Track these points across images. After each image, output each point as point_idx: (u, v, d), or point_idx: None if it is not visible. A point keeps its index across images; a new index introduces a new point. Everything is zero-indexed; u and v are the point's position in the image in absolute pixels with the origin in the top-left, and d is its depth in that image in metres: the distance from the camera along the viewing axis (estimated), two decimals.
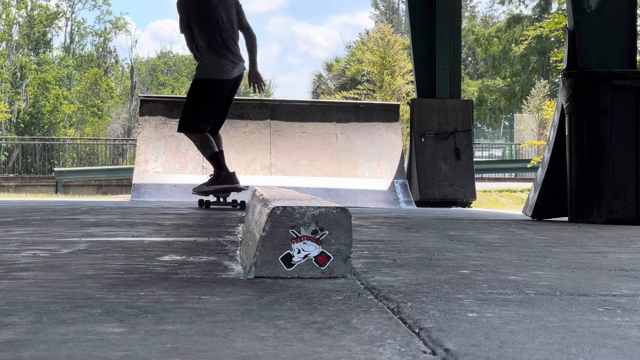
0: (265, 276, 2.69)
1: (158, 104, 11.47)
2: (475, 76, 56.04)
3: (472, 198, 11.82)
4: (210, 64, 7.85)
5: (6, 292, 2.38)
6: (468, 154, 11.85)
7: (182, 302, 2.23)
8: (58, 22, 49.59)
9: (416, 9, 12.23)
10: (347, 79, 43.63)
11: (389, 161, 11.49)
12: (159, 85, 52.62)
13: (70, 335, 1.77)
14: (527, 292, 2.49)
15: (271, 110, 11.69)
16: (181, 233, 4.78)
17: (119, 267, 3.01)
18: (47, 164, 31.44)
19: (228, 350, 1.65)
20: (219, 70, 7.83)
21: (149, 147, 11.02)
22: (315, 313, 2.07)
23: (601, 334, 1.85)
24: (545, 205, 7.31)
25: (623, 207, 6.67)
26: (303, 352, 1.64)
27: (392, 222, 6.47)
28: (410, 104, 12.22)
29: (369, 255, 3.57)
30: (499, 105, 50.06)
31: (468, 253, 3.82)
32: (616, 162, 6.68)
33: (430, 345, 1.71)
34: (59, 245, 3.79)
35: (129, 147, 33.80)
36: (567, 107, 6.93)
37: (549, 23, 18.64)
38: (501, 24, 52.10)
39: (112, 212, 7.02)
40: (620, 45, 7.06)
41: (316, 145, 11.51)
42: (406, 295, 2.38)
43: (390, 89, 29.54)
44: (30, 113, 42.62)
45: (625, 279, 2.89)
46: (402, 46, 30.66)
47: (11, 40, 45.61)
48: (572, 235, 5.22)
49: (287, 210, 2.70)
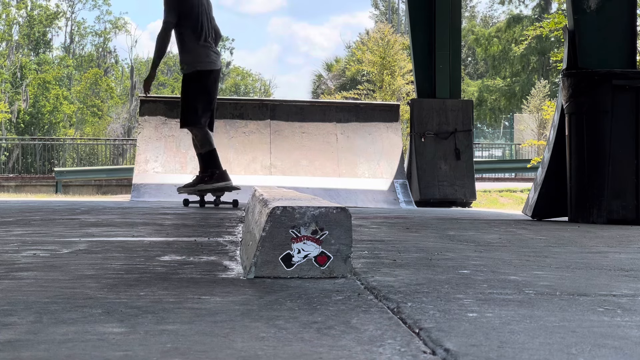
0: (265, 276, 2.69)
1: (158, 104, 11.47)
2: (475, 76, 56.05)
3: (472, 198, 11.83)
4: (197, 55, 8.00)
5: (6, 292, 2.38)
6: (468, 154, 11.85)
7: (182, 302, 2.23)
8: (58, 22, 49.62)
9: (416, 9, 12.23)
10: (347, 79, 43.65)
11: (389, 161, 11.49)
12: (159, 85, 52.62)
13: (70, 335, 1.77)
14: (527, 292, 2.49)
15: (271, 110, 11.69)
16: (181, 233, 4.77)
17: (119, 267, 3.01)
18: (47, 164, 31.45)
19: (228, 350, 1.65)
20: (207, 61, 8.02)
21: (149, 147, 11.02)
22: (315, 313, 2.07)
23: (601, 334, 1.85)
24: (545, 205, 7.31)
25: (623, 207, 6.67)
26: (303, 352, 1.64)
27: (392, 222, 6.47)
28: (410, 104, 12.22)
29: (369, 255, 3.57)
30: (499, 105, 50.06)
31: (468, 253, 3.82)
32: (616, 162, 6.67)
33: (430, 345, 1.71)
34: (59, 245, 3.79)
35: (129, 147, 33.80)
36: (567, 107, 6.93)
37: (549, 23, 18.64)
38: (501, 24, 52.10)
39: (112, 212, 7.02)
40: (620, 45, 7.06)
41: (316, 145, 11.51)
42: (406, 295, 2.38)
43: (390, 89, 29.53)
44: (30, 113, 42.63)
45: (625, 279, 2.89)
46: (402, 46, 30.65)
47: (11, 40, 45.62)
48: (572, 235, 5.22)
49: (287, 210, 2.70)
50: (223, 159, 11.19)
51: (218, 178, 8.09)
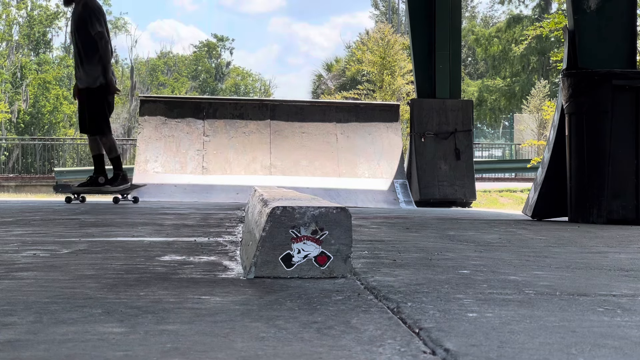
0: (265, 276, 2.69)
1: (158, 104, 11.48)
2: (475, 76, 56.05)
3: (472, 198, 11.83)
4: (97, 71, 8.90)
5: (6, 292, 2.38)
6: (468, 154, 11.86)
7: (182, 302, 2.23)
8: (58, 22, 49.60)
9: (416, 9, 12.23)
10: (347, 79, 43.65)
11: (388, 161, 11.49)
12: (159, 85, 52.65)
13: (70, 335, 1.77)
14: (527, 292, 2.49)
15: (271, 110, 11.69)
16: (181, 233, 4.77)
17: (119, 267, 3.01)
18: (47, 164, 31.45)
19: (228, 350, 1.65)
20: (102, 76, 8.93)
21: (149, 147, 11.03)
22: (315, 313, 2.07)
23: (601, 334, 1.85)
24: (545, 205, 7.31)
25: (623, 207, 6.67)
26: (303, 352, 1.64)
27: (392, 222, 6.47)
28: (410, 104, 12.22)
29: (369, 255, 3.57)
30: (499, 105, 50.06)
31: (468, 253, 3.82)
32: (616, 162, 6.67)
33: (430, 345, 1.71)
34: (59, 245, 3.79)
35: (129, 147, 33.79)
36: (567, 107, 6.93)
37: (549, 23, 18.64)
38: (501, 24, 52.11)
39: (112, 212, 7.02)
40: (620, 45, 7.06)
41: (316, 145, 11.52)
42: (406, 295, 2.38)
43: (390, 89, 29.53)
44: (30, 113, 42.63)
45: (625, 279, 2.90)
46: (402, 46, 30.64)
47: (11, 40, 45.61)
48: (572, 235, 5.22)
49: (287, 210, 2.70)
50: (223, 159, 11.23)
51: (123, 179, 9.20)
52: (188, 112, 11.43)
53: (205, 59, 62.60)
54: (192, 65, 61.37)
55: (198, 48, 63.15)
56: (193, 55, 62.42)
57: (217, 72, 62.32)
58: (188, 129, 11.29)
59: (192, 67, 61.23)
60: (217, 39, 64.00)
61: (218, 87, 60.62)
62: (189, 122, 11.32)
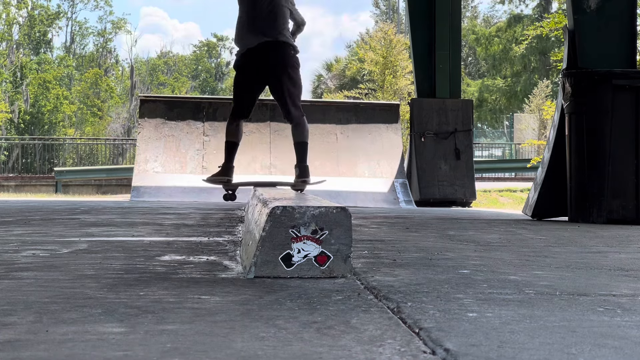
0: (265, 276, 2.69)
1: (158, 104, 11.47)
2: (476, 76, 56.04)
3: (472, 198, 11.82)
4: None
5: (6, 292, 2.38)
6: (468, 153, 11.85)
7: (182, 302, 2.23)
8: (59, 22, 49.60)
9: (416, 9, 12.23)
10: (348, 79, 43.63)
11: (389, 161, 11.49)
12: (159, 85, 52.63)
13: (70, 335, 1.77)
14: (527, 292, 2.49)
15: (271, 110, 11.68)
16: (181, 233, 4.77)
17: (119, 267, 3.01)
18: (47, 164, 31.44)
19: (228, 350, 1.65)
20: None
21: (149, 147, 11.02)
22: (315, 313, 2.07)
23: (601, 334, 1.85)
24: (545, 205, 7.31)
25: (623, 207, 6.66)
26: (303, 352, 1.64)
27: (392, 222, 6.47)
28: (410, 103, 12.22)
29: (369, 255, 3.57)
30: (500, 105, 50.04)
31: (468, 253, 3.82)
32: (616, 162, 6.67)
33: (430, 345, 1.71)
34: (59, 245, 3.79)
35: (129, 147, 33.78)
36: (567, 107, 6.93)
37: (549, 23, 18.62)
38: (501, 23, 52.09)
39: (112, 212, 7.02)
40: (620, 45, 7.06)
41: (316, 145, 11.50)
42: (406, 295, 2.38)
43: (392, 89, 29.51)
44: (30, 113, 42.62)
45: (625, 279, 2.89)
46: (404, 46, 30.62)
47: (11, 40, 45.61)
48: (572, 235, 5.22)
49: (287, 210, 2.69)
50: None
51: None
52: (188, 112, 11.42)
53: (205, 58, 62.61)
54: (192, 64, 61.36)
55: (198, 48, 63.18)
56: (193, 55, 62.44)
57: (217, 72, 62.33)
58: (188, 128, 11.28)
59: (192, 66, 61.22)
60: (217, 38, 64.03)
61: (218, 87, 60.62)
62: (188, 122, 11.32)
